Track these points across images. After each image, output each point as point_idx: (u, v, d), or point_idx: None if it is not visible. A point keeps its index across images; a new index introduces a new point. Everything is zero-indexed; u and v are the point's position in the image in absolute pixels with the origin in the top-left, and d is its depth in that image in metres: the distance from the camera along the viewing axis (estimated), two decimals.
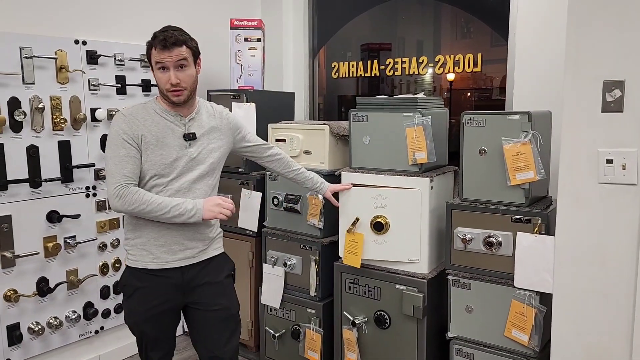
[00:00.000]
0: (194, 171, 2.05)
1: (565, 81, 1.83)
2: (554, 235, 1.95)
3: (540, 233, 2.11)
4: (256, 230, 3.06)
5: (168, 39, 1.94)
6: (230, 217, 2.06)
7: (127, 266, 2.08)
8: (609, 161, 1.76)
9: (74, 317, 2.87)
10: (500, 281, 2.22)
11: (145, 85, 3.15)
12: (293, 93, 3.61)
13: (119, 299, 3.11)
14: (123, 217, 2.80)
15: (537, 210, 2.15)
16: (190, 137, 2.04)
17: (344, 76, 3.71)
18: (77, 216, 2.82)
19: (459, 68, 3.18)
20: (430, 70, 3.30)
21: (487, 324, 2.28)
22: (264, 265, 3.00)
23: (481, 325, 2.30)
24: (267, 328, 3.03)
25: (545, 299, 2.12)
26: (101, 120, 2.92)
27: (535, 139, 2.11)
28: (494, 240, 2.22)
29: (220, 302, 2.14)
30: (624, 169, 1.74)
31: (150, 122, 1.99)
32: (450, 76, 3.24)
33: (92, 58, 2.88)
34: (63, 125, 2.75)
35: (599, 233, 1.81)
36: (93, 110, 2.89)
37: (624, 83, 1.72)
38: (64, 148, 2.78)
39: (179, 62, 1.97)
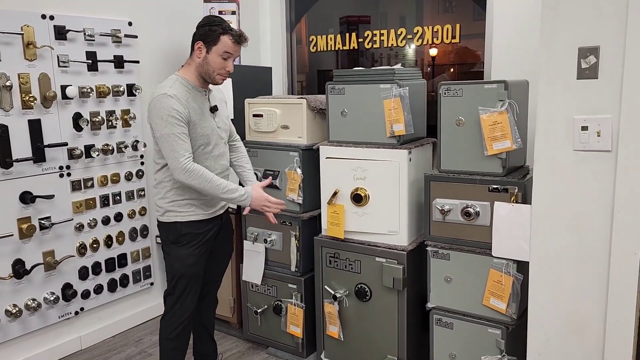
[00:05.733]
0: (222, 138, 2.38)
1: (541, 48, 1.82)
2: (530, 204, 1.96)
3: (517, 202, 2.12)
4: (236, 208, 3.04)
5: (244, 36, 2.28)
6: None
7: (174, 222, 2.31)
8: (584, 128, 1.76)
9: (52, 298, 2.83)
10: (479, 251, 2.24)
11: (118, 62, 3.06)
12: (270, 68, 3.56)
13: (99, 279, 3.08)
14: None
15: (514, 179, 2.16)
16: (214, 109, 2.35)
17: (322, 50, 3.65)
18: (51, 197, 2.77)
19: (437, 40, 3.15)
20: (412, 46, 3.26)
21: (466, 293, 2.30)
22: (245, 242, 2.99)
23: (460, 295, 2.32)
24: (249, 304, 3.03)
25: (522, 266, 2.14)
26: (72, 98, 2.84)
27: (512, 108, 2.11)
28: (471, 210, 2.23)
29: (231, 240, 2.62)
30: (598, 135, 1.74)
31: (191, 99, 2.24)
32: (433, 51, 3.21)
33: (61, 33, 2.78)
34: (33, 104, 2.67)
35: (574, 200, 1.82)
36: (63, 88, 2.80)
37: (598, 49, 1.71)
38: (35, 127, 2.70)
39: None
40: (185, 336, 2.40)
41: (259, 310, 2.96)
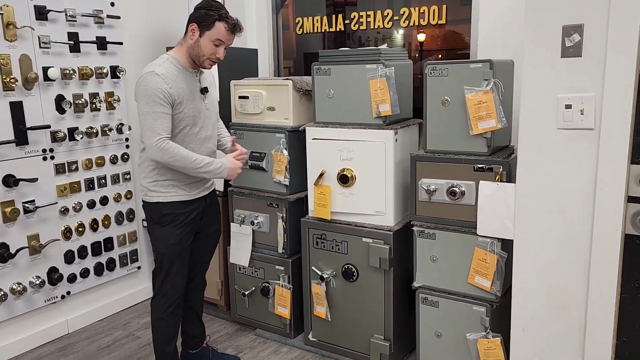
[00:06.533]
0: (210, 121, 2.37)
1: (525, 27, 1.82)
2: (515, 183, 1.97)
3: (501, 181, 2.13)
4: (222, 190, 3.03)
5: (239, 26, 2.28)
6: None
7: (156, 202, 2.30)
8: (568, 106, 1.77)
9: (38, 282, 2.81)
10: (464, 230, 2.26)
11: (101, 43, 3.01)
12: (256, 50, 3.52)
13: (85, 263, 3.07)
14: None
15: (499, 158, 2.17)
16: (205, 90, 2.34)
17: (309, 32, 3.62)
18: (34, 180, 2.73)
19: (424, 21, 3.14)
20: (401, 32, 3.24)
21: (451, 272, 2.33)
22: (232, 224, 2.98)
23: (446, 274, 2.34)
24: (236, 287, 3.04)
25: (507, 245, 2.17)
26: (54, 80, 2.79)
27: (497, 87, 2.11)
28: (457, 190, 2.24)
29: (218, 222, 2.62)
30: (582, 114, 1.75)
31: (180, 79, 2.23)
32: (421, 36, 3.19)
33: (41, 14, 2.73)
34: (14, 85, 2.62)
35: (558, 178, 1.83)
36: (45, 69, 2.75)
37: (582, 27, 1.72)
38: (17, 109, 2.66)
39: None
40: (177, 314, 2.43)
41: (246, 292, 2.97)
